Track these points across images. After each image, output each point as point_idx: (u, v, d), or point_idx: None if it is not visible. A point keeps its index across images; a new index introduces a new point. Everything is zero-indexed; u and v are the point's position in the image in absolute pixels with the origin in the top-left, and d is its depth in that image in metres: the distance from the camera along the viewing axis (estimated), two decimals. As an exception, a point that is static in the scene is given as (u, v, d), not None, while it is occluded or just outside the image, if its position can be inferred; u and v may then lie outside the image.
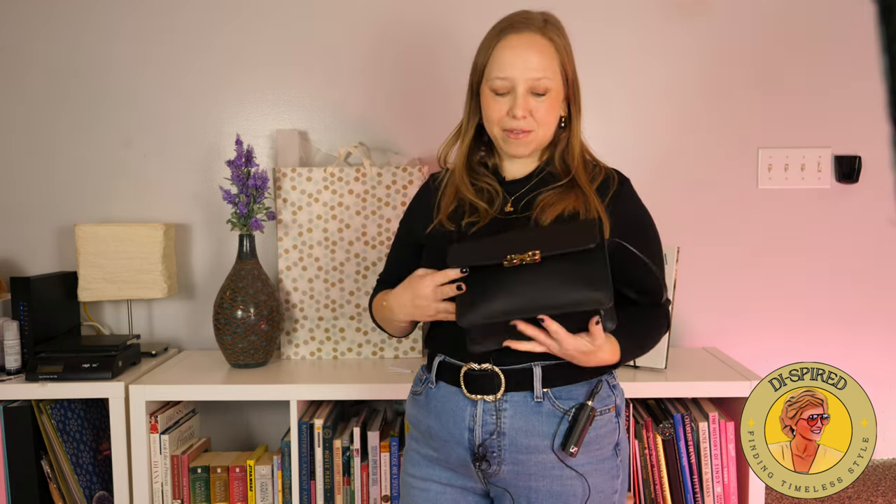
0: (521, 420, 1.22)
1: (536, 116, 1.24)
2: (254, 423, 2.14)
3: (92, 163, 2.14)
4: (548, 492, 1.22)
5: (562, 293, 1.12)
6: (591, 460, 1.23)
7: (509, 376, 1.22)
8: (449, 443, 1.25)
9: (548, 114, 1.25)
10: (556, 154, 1.31)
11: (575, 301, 1.11)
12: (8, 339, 1.84)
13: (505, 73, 1.23)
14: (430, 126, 2.12)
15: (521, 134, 1.25)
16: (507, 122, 1.25)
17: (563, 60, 1.26)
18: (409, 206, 1.43)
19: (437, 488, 1.29)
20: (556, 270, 1.13)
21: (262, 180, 1.90)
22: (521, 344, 1.17)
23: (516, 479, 1.23)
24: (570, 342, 1.15)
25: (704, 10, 2.08)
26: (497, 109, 1.25)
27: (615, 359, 1.22)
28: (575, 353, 1.16)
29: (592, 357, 1.18)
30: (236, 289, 1.89)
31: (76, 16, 2.11)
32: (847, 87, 2.08)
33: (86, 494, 1.86)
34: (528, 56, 1.23)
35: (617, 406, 1.28)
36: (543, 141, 1.29)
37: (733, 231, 2.12)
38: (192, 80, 2.12)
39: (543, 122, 1.25)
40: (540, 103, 1.24)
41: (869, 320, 2.11)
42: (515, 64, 1.23)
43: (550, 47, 1.25)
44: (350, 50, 2.11)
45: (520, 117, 1.23)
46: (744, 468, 1.72)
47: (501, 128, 1.26)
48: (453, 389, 1.26)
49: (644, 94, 2.11)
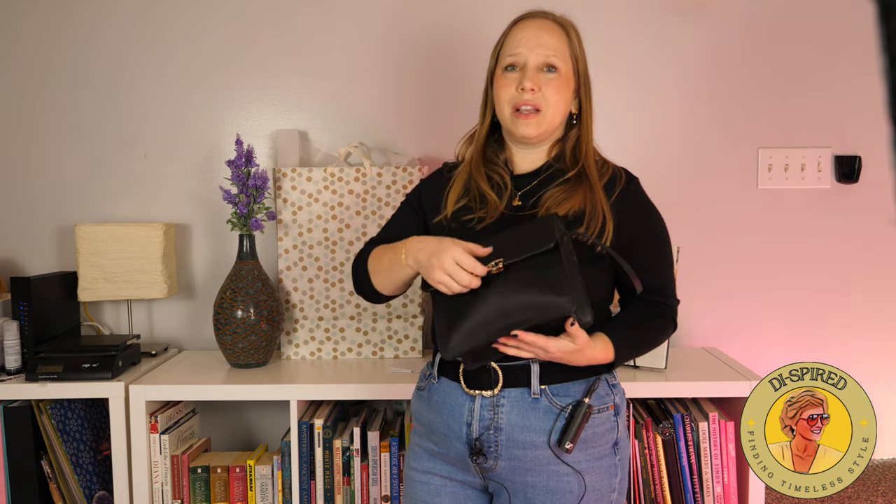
0: (518, 416, 1.22)
1: (545, 93, 1.25)
2: (254, 423, 2.14)
3: (92, 163, 2.14)
4: (544, 487, 1.23)
5: (528, 304, 1.14)
6: (588, 458, 1.24)
7: (507, 372, 1.23)
8: (448, 437, 1.27)
9: (557, 92, 1.26)
10: (567, 150, 1.32)
11: (541, 308, 1.13)
12: (8, 339, 1.84)
13: (516, 50, 1.27)
14: (430, 126, 2.12)
15: (530, 114, 1.26)
16: (516, 97, 1.26)
17: (576, 52, 1.29)
18: (419, 186, 1.43)
19: (438, 481, 1.30)
20: (520, 279, 1.15)
21: (262, 180, 1.90)
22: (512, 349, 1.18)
23: (513, 474, 1.24)
24: (553, 345, 1.16)
25: (705, 10, 2.08)
26: (507, 85, 1.27)
27: (609, 356, 1.23)
28: (561, 354, 1.18)
29: (581, 356, 1.20)
30: (236, 289, 1.89)
31: (77, 17, 2.11)
32: (847, 86, 2.08)
33: (86, 494, 1.86)
34: (540, 34, 1.27)
35: (616, 405, 1.28)
36: (552, 124, 1.29)
37: (733, 231, 2.12)
38: (192, 81, 2.12)
39: (552, 100, 1.26)
40: (549, 80, 1.26)
41: (869, 320, 2.11)
42: (528, 40, 1.26)
43: (563, 33, 1.29)
44: (350, 50, 2.11)
45: (528, 89, 1.24)
46: (744, 468, 1.72)
47: (511, 105, 1.27)
48: (453, 385, 1.27)
49: (644, 94, 2.11)
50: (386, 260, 1.30)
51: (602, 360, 1.23)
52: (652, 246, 1.31)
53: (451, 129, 2.10)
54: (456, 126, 2.08)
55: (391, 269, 1.29)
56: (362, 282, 1.38)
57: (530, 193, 1.30)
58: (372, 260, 1.35)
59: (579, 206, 1.24)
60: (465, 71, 2.09)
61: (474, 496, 1.31)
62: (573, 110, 1.32)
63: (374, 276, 1.34)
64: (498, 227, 1.26)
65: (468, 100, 2.08)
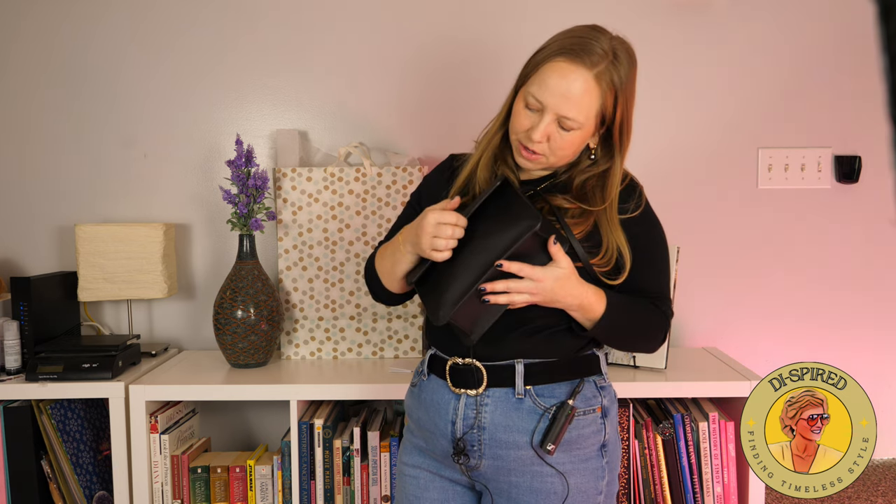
0: (501, 415, 1.23)
1: (552, 145, 1.22)
2: (254, 423, 2.14)
3: (92, 163, 2.14)
4: (528, 488, 1.23)
5: (500, 238, 1.16)
6: (573, 459, 1.24)
7: (492, 372, 1.24)
8: (434, 434, 1.28)
9: (566, 147, 1.23)
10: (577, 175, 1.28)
11: (514, 237, 1.15)
12: (8, 339, 1.84)
13: (540, 97, 1.20)
14: (430, 126, 2.12)
15: (533, 154, 1.24)
16: (524, 136, 1.24)
17: (606, 103, 1.21)
18: (422, 184, 1.43)
19: (427, 476, 1.32)
20: (485, 229, 1.18)
21: (262, 180, 1.90)
22: (502, 296, 1.17)
23: (496, 473, 1.25)
24: (540, 273, 1.16)
25: (706, 10, 2.08)
26: (520, 122, 1.24)
27: (600, 305, 1.21)
28: (553, 282, 1.16)
29: (572, 288, 1.18)
30: (236, 289, 1.89)
31: (77, 17, 2.11)
32: (847, 86, 2.08)
33: (86, 494, 1.86)
34: (569, 89, 1.18)
35: (604, 407, 1.27)
36: (557, 165, 1.28)
37: (733, 231, 2.12)
38: (192, 80, 2.12)
39: (558, 153, 1.23)
40: (562, 136, 1.22)
41: (869, 320, 2.11)
42: (554, 92, 1.19)
43: (596, 90, 1.19)
44: (350, 50, 2.11)
45: (535, 140, 1.21)
46: (744, 468, 1.72)
47: (519, 139, 1.25)
48: (441, 383, 1.28)
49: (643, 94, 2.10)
50: (388, 257, 1.31)
51: (594, 304, 1.20)
52: (651, 254, 1.30)
53: (452, 129, 2.11)
54: (456, 126, 2.09)
55: (395, 263, 1.29)
56: (375, 287, 1.39)
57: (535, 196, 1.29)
58: (377, 262, 1.36)
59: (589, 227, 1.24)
60: (466, 71, 2.09)
61: (462, 492, 1.32)
62: (591, 146, 1.28)
63: (383, 277, 1.35)
64: None
65: (468, 100, 2.08)
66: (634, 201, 1.28)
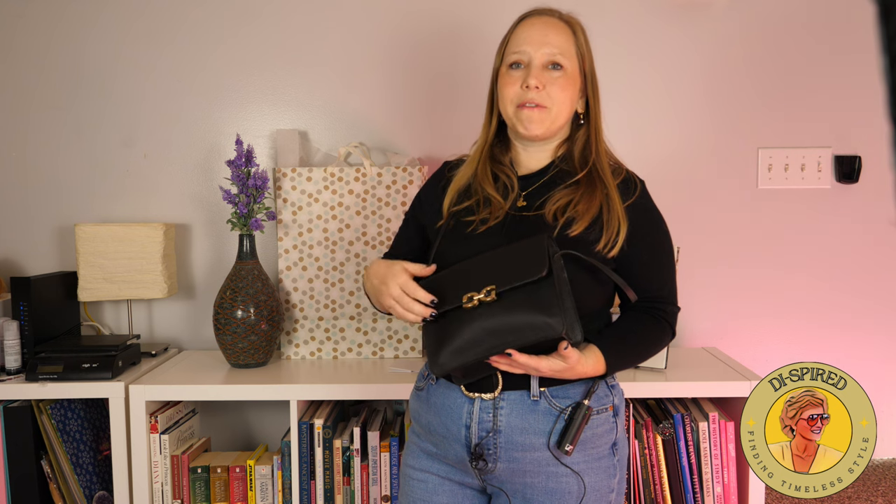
0: (518, 418, 1.22)
1: (551, 92, 1.24)
2: (254, 423, 2.14)
3: (92, 163, 2.14)
4: (543, 489, 1.23)
5: (519, 325, 1.14)
6: (587, 458, 1.24)
7: (506, 375, 1.23)
8: (447, 439, 1.26)
9: (562, 90, 1.25)
10: (575, 151, 1.30)
11: (532, 330, 1.14)
12: (8, 339, 1.84)
13: (521, 48, 1.26)
14: (430, 126, 2.12)
15: (535, 108, 1.24)
16: (520, 95, 1.25)
17: (582, 51, 1.28)
18: (418, 196, 1.43)
19: (436, 480, 1.30)
20: (511, 305, 1.15)
21: (262, 180, 1.90)
22: (503, 365, 1.18)
23: (512, 476, 1.24)
24: (544, 364, 1.17)
25: (705, 10, 2.08)
26: (511, 83, 1.26)
27: (599, 370, 1.22)
28: (552, 373, 1.18)
29: (572, 373, 1.20)
30: (236, 289, 1.89)
31: (77, 17, 2.11)
32: (847, 87, 2.08)
33: (86, 494, 1.86)
34: (545, 31, 1.26)
35: (615, 406, 1.28)
36: (557, 122, 1.27)
37: (733, 231, 2.12)
38: (192, 81, 2.12)
39: (557, 98, 1.25)
40: (555, 78, 1.24)
41: (869, 320, 2.11)
42: (533, 38, 1.25)
43: (569, 31, 1.28)
44: (350, 50, 2.11)
45: (533, 87, 1.23)
46: (744, 468, 1.73)
47: (515, 104, 1.26)
48: (452, 386, 1.27)
49: (644, 95, 2.11)
50: (374, 286, 1.30)
51: (592, 375, 1.23)
52: (655, 251, 1.30)
53: (451, 129, 2.11)
54: (456, 126, 2.10)
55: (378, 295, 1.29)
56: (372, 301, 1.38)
57: (535, 194, 1.29)
58: (365, 282, 1.36)
59: (595, 211, 1.23)
60: (466, 71, 2.09)
61: (472, 496, 1.31)
62: (579, 110, 1.31)
63: (372, 299, 1.35)
64: (502, 228, 1.26)
65: (468, 100, 2.08)
66: (633, 191, 1.28)
